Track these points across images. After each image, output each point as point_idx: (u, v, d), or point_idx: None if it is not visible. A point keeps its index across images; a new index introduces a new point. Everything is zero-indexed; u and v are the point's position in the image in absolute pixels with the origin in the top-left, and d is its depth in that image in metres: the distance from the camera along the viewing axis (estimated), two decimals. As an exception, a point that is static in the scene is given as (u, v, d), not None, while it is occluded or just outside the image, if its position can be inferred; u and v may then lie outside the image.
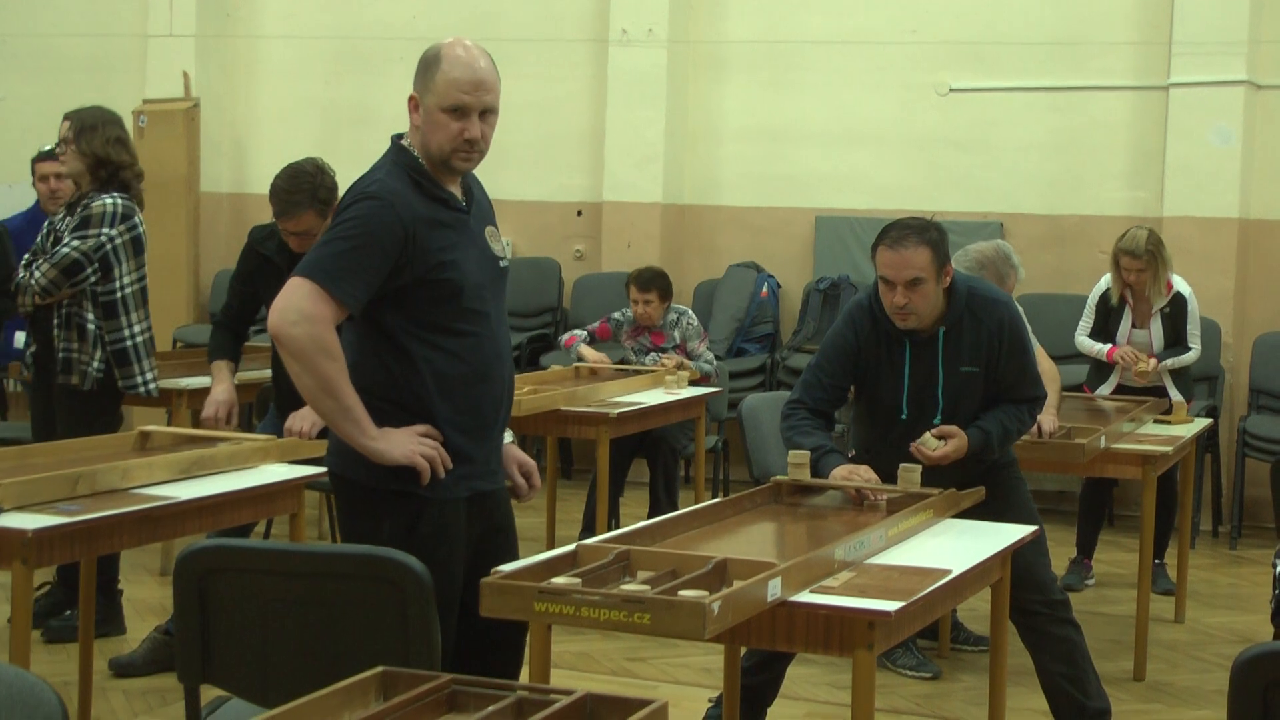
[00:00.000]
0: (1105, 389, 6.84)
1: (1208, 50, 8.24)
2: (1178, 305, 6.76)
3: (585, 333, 7.37)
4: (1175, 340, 6.80)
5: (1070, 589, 6.50)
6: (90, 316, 5.52)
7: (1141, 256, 6.60)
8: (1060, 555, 6.60)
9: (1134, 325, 6.81)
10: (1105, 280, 6.85)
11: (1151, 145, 8.55)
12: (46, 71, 10.59)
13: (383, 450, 3.36)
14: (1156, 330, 6.79)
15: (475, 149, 3.45)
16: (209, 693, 3.22)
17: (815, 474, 4.33)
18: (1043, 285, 8.51)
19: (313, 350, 3.32)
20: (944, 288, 4.37)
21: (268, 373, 7.16)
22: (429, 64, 3.44)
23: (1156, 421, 6.31)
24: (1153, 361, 6.69)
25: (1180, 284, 6.81)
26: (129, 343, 5.59)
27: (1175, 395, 6.73)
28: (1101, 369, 6.86)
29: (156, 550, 6.66)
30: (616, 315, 7.43)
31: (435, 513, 3.44)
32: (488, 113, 3.45)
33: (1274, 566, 2.98)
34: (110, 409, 5.61)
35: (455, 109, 3.40)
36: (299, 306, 3.33)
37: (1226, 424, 8.28)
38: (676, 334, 7.37)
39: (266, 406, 6.15)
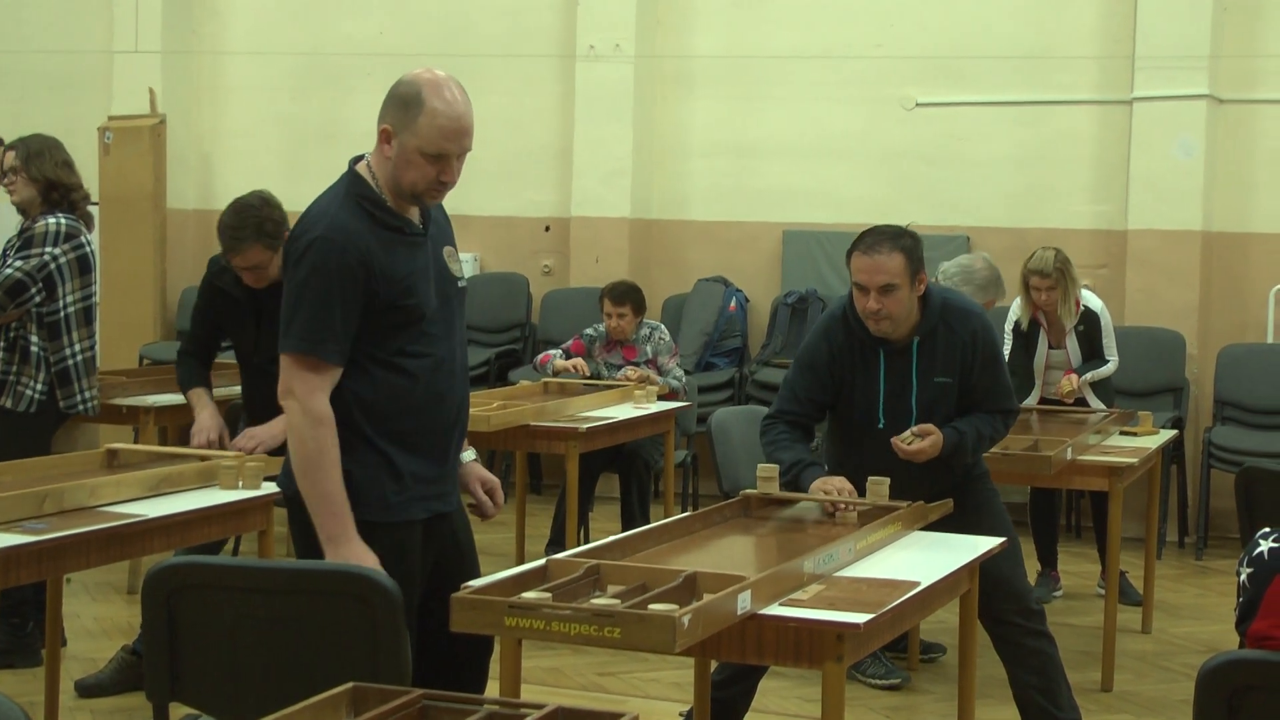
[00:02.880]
0: (1030, 402, 6.88)
1: (1170, 65, 8.31)
2: (1090, 321, 6.85)
3: (560, 351, 7.37)
4: (1092, 354, 6.88)
5: (1040, 602, 6.52)
6: (34, 339, 5.50)
7: (1050, 275, 6.68)
8: (1029, 568, 6.62)
9: (1050, 346, 6.88)
10: (1016, 306, 6.91)
11: (1116, 159, 8.61)
12: (12, 88, 10.55)
13: (330, 556, 3.33)
14: (1073, 347, 6.88)
15: (447, 187, 3.45)
16: (178, 711, 3.21)
17: (794, 488, 4.34)
18: (1007, 298, 8.54)
19: (297, 430, 3.35)
20: (918, 296, 4.40)
21: (237, 389, 7.15)
22: (408, 103, 3.37)
23: (1123, 433, 6.35)
24: (1073, 378, 6.76)
25: (1091, 299, 6.91)
26: (70, 362, 5.57)
27: (1096, 404, 6.82)
28: (1022, 384, 6.91)
29: (124, 569, 6.62)
30: (589, 331, 7.44)
31: (389, 534, 3.43)
32: (464, 153, 3.45)
33: (1238, 576, 3.00)
34: (45, 432, 5.57)
35: (438, 156, 3.39)
36: (289, 385, 3.37)
37: (1192, 435, 8.33)
38: (649, 349, 7.38)
39: (236, 423, 6.12)
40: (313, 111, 10.10)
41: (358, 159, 3.52)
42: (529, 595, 3.02)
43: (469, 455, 3.69)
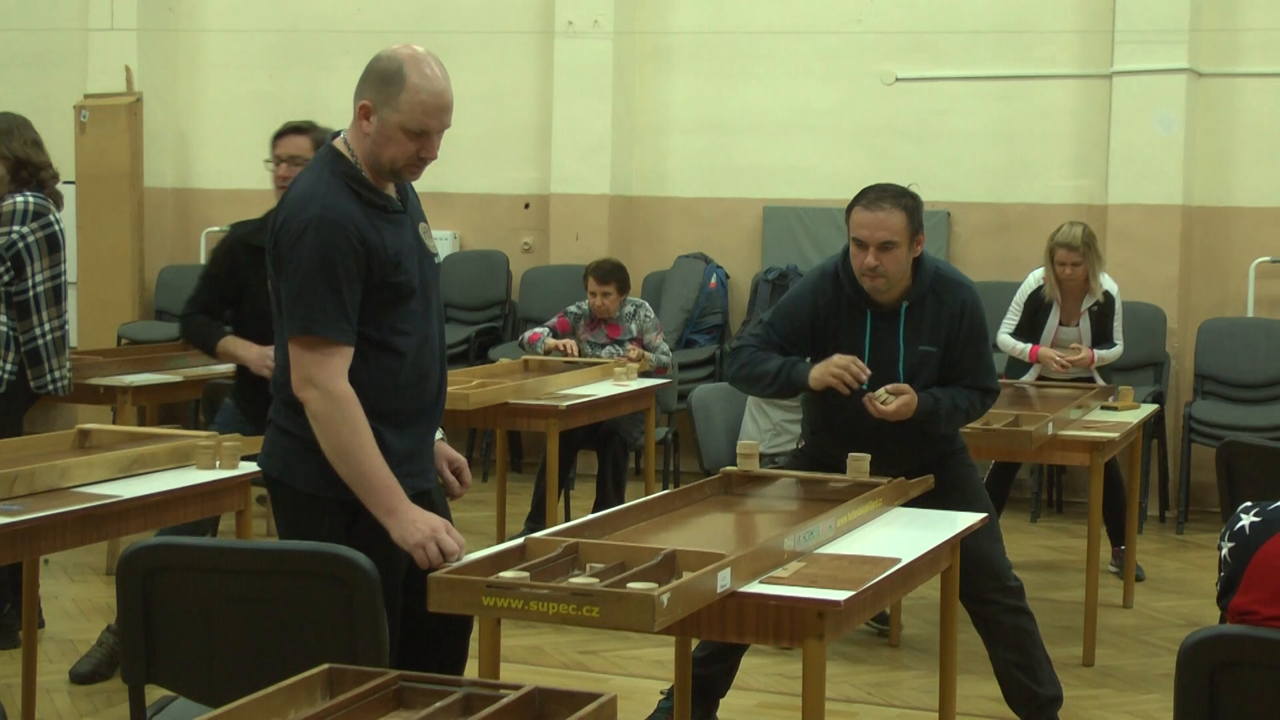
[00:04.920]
0: (1027, 377, 6.89)
1: (1150, 39, 8.29)
2: (1107, 303, 6.86)
3: (546, 329, 7.34)
4: (1102, 337, 6.89)
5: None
6: (3, 319, 5.45)
7: (1078, 248, 6.68)
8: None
9: (1061, 323, 6.88)
10: (1033, 278, 6.91)
11: (1096, 133, 8.60)
12: (-15, 67, 10.47)
13: (392, 529, 3.31)
14: (1085, 328, 6.88)
15: (426, 163, 3.43)
16: (155, 693, 3.19)
17: (791, 384, 4.37)
18: (988, 273, 8.55)
19: (324, 417, 3.30)
20: (914, 258, 4.38)
21: (215, 368, 7.11)
22: (389, 79, 3.35)
23: (1104, 408, 6.36)
24: (1085, 351, 6.77)
25: (1108, 282, 6.92)
26: (40, 341, 5.51)
27: (1102, 384, 6.82)
28: (1021, 361, 6.92)
29: (102, 550, 6.58)
30: (573, 309, 7.41)
31: (372, 514, 3.40)
32: (444, 129, 3.43)
33: (1219, 550, 2.99)
34: (16, 411, 5.53)
35: (420, 132, 3.36)
36: (306, 373, 3.32)
37: (1172, 410, 8.34)
38: (633, 326, 7.35)
39: (214, 403, 6.09)
40: (290, 89, 10.03)
41: (335, 135, 3.49)
42: (507, 575, 3.00)
43: (437, 434, 3.67)
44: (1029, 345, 6.81)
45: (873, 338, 4.43)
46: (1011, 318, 6.95)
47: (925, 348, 4.44)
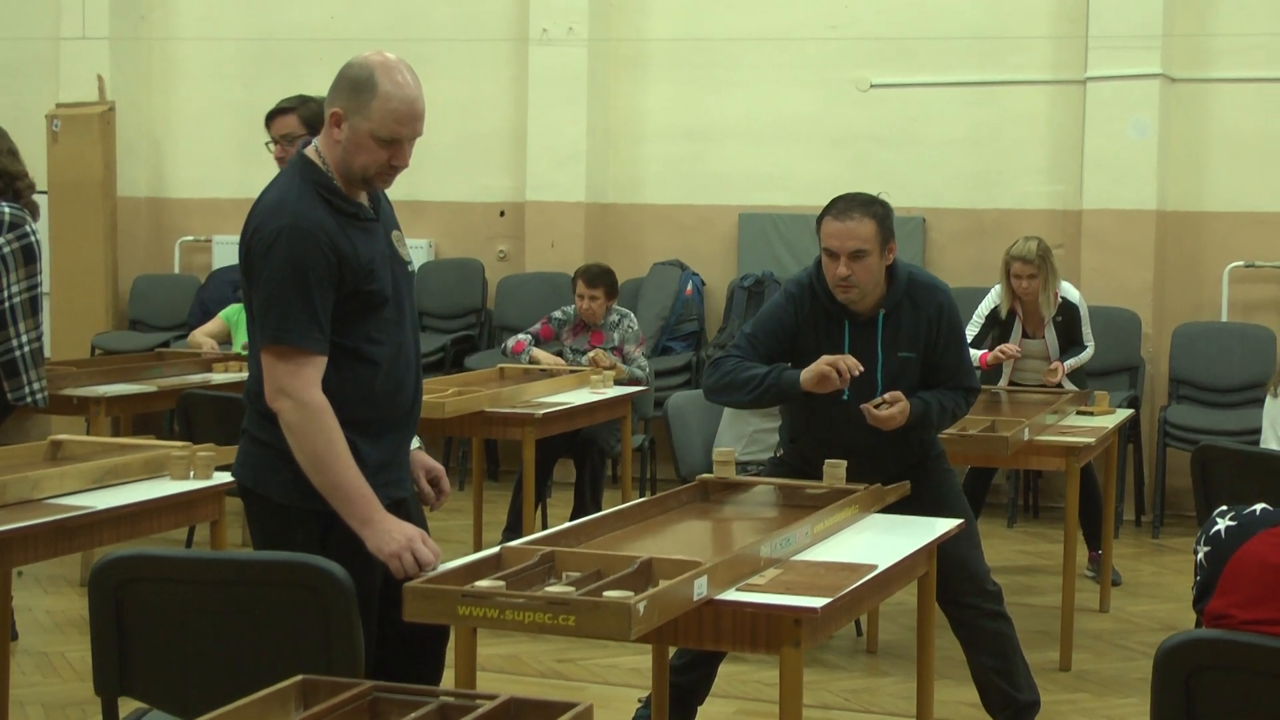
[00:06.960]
0: (1001, 383, 6.91)
1: (1123, 44, 8.32)
2: (1069, 312, 6.92)
3: (530, 336, 7.32)
4: (1070, 344, 6.93)
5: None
6: None
7: (1033, 261, 6.72)
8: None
9: (1026, 334, 6.92)
10: (995, 293, 6.93)
11: (1070, 138, 8.62)
12: (-43, 76, 10.41)
13: (367, 539, 3.29)
14: (1051, 338, 6.92)
15: (397, 171, 3.42)
16: (128, 705, 3.16)
17: (780, 388, 4.33)
18: (963, 279, 8.55)
19: (298, 427, 3.28)
20: (886, 265, 4.38)
21: (190, 378, 7.08)
22: (360, 86, 3.33)
23: (1079, 413, 6.37)
24: (1058, 366, 6.81)
25: (1069, 290, 6.97)
26: (17, 353, 5.47)
27: (1071, 389, 6.85)
28: (993, 368, 6.94)
29: (76, 561, 6.54)
30: (557, 314, 7.40)
31: (347, 524, 3.39)
32: (415, 136, 3.42)
33: (1195, 554, 3.00)
34: None
35: (391, 140, 3.35)
36: (279, 383, 3.29)
37: (1147, 414, 8.36)
38: (616, 335, 7.34)
39: (188, 414, 6.06)
40: (264, 98, 9.90)
41: (306, 143, 3.48)
42: (482, 584, 2.99)
43: (414, 443, 3.65)
44: (979, 352, 6.83)
45: (851, 347, 4.43)
46: (971, 329, 6.97)
47: (904, 354, 4.45)
